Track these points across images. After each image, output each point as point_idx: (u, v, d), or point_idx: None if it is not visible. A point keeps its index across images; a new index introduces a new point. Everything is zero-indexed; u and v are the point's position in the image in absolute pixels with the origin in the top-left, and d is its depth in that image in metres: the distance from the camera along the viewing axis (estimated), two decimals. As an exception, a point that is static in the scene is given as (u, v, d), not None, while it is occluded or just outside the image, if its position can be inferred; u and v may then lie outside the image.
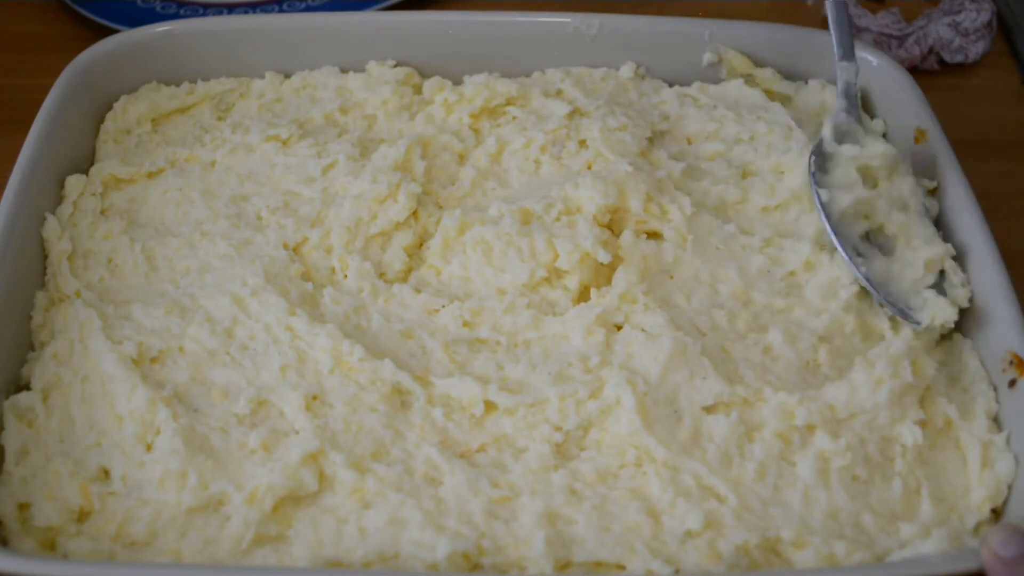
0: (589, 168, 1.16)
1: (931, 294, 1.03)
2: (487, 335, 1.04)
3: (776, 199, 1.13)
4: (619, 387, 0.96)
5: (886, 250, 1.07)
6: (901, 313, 1.03)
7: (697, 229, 1.10)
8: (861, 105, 1.24)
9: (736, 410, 0.97)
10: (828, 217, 1.06)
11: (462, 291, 1.08)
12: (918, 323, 1.02)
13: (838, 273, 1.06)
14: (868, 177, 1.09)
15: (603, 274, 1.08)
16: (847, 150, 1.09)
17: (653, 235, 1.11)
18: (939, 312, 1.02)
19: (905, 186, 1.09)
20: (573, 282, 1.07)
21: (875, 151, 1.09)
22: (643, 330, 1.02)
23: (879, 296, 1.03)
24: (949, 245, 1.06)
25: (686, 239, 1.09)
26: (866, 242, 1.07)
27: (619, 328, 1.04)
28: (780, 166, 1.15)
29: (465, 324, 1.05)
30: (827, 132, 1.10)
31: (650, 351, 1.00)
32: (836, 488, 0.92)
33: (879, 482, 0.94)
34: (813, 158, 1.09)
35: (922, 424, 0.97)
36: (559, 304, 1.06)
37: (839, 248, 1.05)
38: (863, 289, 1.05)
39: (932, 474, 0.95)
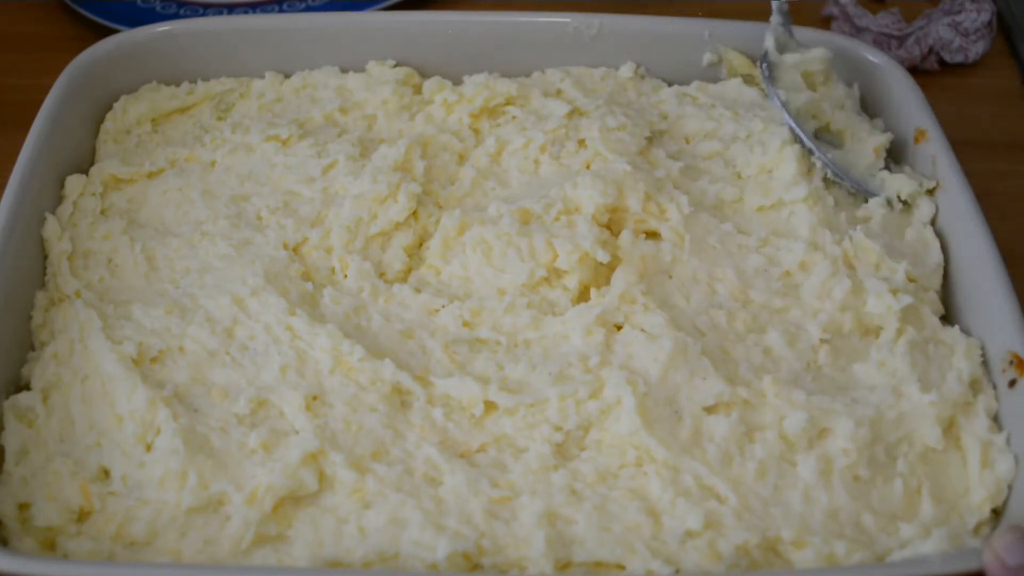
0: (588, 168, 1.16)
1: (886, 174, 1.14)
2: (487, 335, 1.04)
3: (770, 198, 1.13)
4: (619, 387, 0.96)
5: (835, 145, 1.17)
6: (865, 191, 1.12)
7: (694, 228, 1.10)
8: (861, 105, 1.25)
9: (737, 410, 0.97)
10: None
11: (462, 291, 1.08)
12: (877, 195, 1.12)
13: (831, 271, 1.06)
14: (808, 83, 1.19)
15: (603, 274, 1.08)
16: (790, 58, 1.19)
17: (651, 235, 1.11)
18: (902, 186, 1.13)
19: (839, 88, 1.21)
20: (573, 282, 1.07)
21: (815, 56, 1.19)
22: (643, 330, 1.02)
23: (843, 175, 1.14)
24: (889, 133, 1.18)
25: (684, 238, 1.09)
26: (817, 139, 1.16)
27: (619, 328, 1.04)
28: (768, 164, 1.15)
29: (465, 324, 1.05)
30: (770, 43, 1.19)
31: (650, 351, 1.00)
32: (837, 488, 0.92)
33: (880, 482, 0.93)
34: (764, 65, 1.18)
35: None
36: (559, 304, 1.06)
37: (802, 137, 1.14)
38: (856, 285, 1.05)
39: (933, 474, 0.95)
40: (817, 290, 1.06)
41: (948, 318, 1.07)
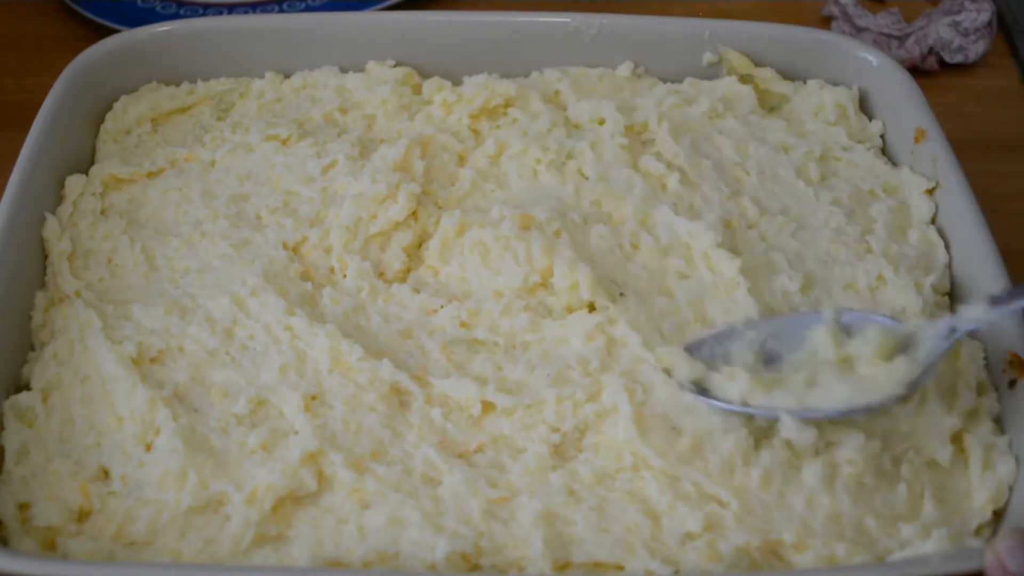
0: (585, 177, 1.16)
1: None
2: (484, 336, 1.03)
3: None
4: (617, 393, 0.96)
5: None
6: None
7: None
8: (861, 105, 1.25)
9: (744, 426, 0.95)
10: None
11: (460, 292, 1.08)
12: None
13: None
14: None
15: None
16: None
17: None
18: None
19: None
20: (563, 299, 1.06)
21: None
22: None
23: None
24: None
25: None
26: None
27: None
28: None
29: (462, 324, 1.04)
30: None
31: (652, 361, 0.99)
32: (840, 493, 0.91)
33: (885, 487, 0.93)
34: None
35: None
36: (556, 309, 1.06)
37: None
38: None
39: (935, 476, 0.94)
40: None
41: (948, 318, 1.07)
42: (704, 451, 0.93)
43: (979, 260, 1.04)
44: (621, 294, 1.05)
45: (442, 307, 1.05)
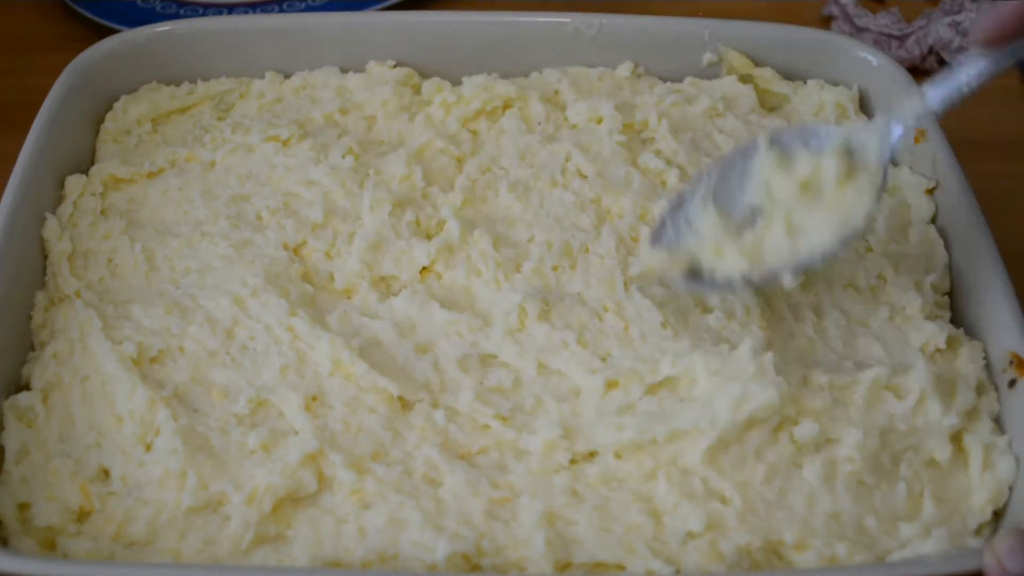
0: (584, 178, 1.16)
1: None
2: (491, 348, 1.03)
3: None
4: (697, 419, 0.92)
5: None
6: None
7: None
8: (861, 105, 1.25)
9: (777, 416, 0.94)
10: None
11: (463, 298, 1.07)
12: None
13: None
14: None
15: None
16: None
17: None
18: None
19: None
20: None
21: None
22: None
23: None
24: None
25: None
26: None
27: None
28: None
29: (459, 335, 1.04)
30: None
31: None
32: (840, 492, 0.91)
33: (884, 486, 0.93)
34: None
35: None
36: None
37: None
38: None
39: (935, 476, 0.94)
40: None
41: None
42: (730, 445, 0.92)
43: (979, 260, 1.04)
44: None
45: (444, 311, 1.05)
